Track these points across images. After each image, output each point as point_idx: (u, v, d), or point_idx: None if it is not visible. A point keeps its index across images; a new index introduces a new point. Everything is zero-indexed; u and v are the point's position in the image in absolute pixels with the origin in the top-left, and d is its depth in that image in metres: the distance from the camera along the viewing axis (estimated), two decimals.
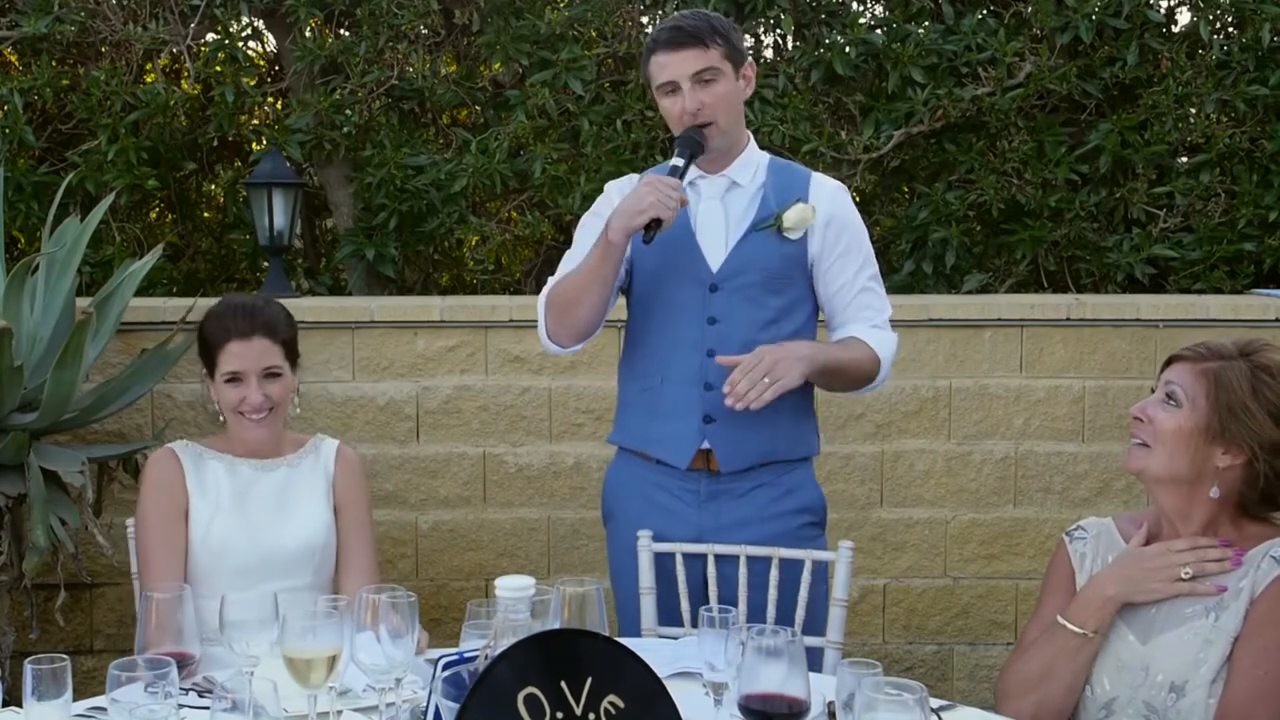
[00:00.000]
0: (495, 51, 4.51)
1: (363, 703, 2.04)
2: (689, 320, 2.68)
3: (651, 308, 2.72)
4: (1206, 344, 2.19)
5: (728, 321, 2.67)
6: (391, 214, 4.49)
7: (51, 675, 1.75)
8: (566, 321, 2.70)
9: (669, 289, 2.70)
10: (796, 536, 2.73)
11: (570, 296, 2.68)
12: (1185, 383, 2.14)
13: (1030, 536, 4.07)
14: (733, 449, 2.68)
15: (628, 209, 2.53)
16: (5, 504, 3.41)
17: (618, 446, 2.85)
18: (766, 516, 2.71)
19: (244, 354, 2.69)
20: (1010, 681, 2.24)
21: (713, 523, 2.71)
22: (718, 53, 2.60)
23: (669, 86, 2.63)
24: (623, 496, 2.82)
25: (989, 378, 4.04)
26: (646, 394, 2.74)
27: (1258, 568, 2.11)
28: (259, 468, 2.76)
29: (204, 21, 4.56)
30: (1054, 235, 4.55)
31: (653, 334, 2.74)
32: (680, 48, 2.60)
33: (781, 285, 2.69)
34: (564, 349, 2.76)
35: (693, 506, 2.72)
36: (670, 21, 2.67)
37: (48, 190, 4.39)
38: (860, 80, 4.61)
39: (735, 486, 2.70)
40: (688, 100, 2.60)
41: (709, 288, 2.67)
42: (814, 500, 2.80)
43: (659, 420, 2.72)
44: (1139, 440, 2.18)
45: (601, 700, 1.61)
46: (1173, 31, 4.69)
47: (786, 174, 2.76)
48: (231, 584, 2.55)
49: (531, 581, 1.75)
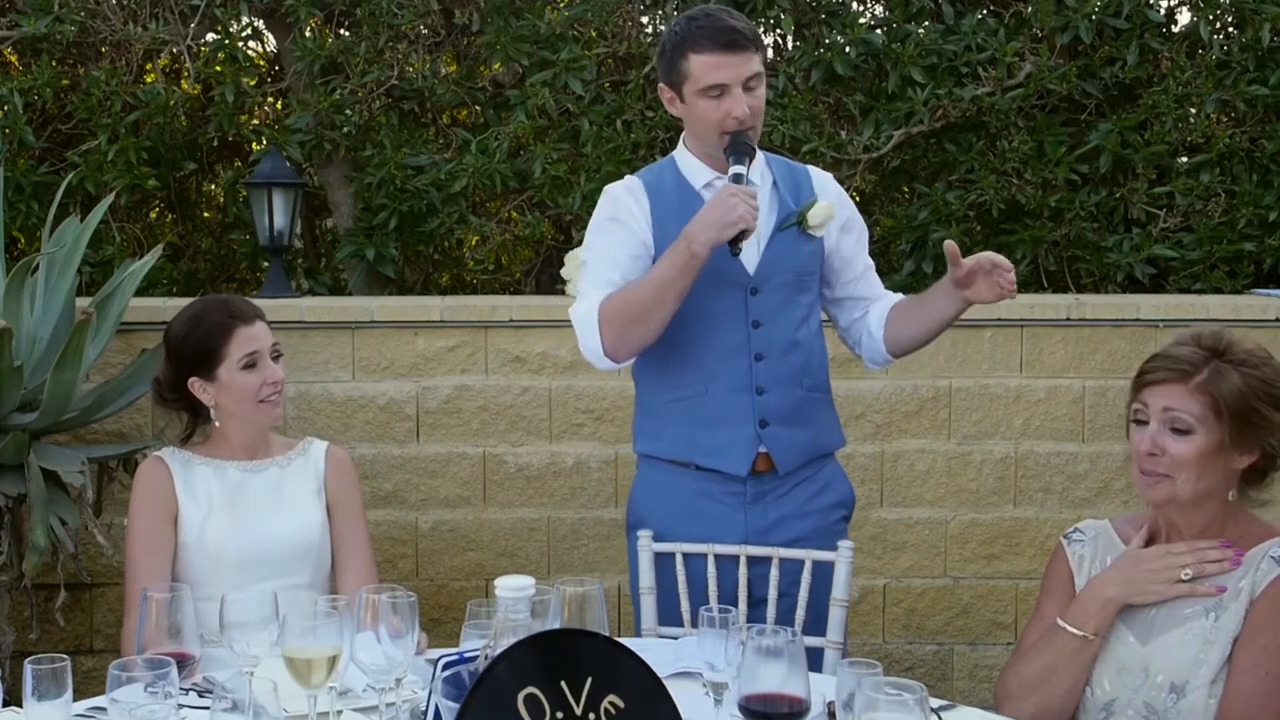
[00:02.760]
0: (495, 51, 4.51)
1: (363, 703, 2.04)
2: (731, 325, 2.65)
3: (685, 315, 2.61)
4: (1170, 356, 2.13)
5: (771, 323, 2.66)
6: (391, 214, 4.49)
7: (51, 675, 1.75)
8: (633, 337, 2.58)
9: (707, 296, 2.61)
10: (832, 531, 2.75)
11: (640, 312, 2.55)
12: (1185, 407, 2.10)
13: (1030, 536, 4.07)
14: (788, 449, 2.68)
15: (716, 220, 2.47)
16: (5, 504, 3.41)
17: (645, 455, 2.78)
18: (806, 512, 2.72)
19: (255, 335, 2.72)
20: (1010, 684, 2.24)
21: (759, 523, 2.69)
22: (759, 59, 2.59)
23: (718, 89, 2.56)
24: (658, 507, 2.74)
25: (989, 378, 4.04)
26: (687, 403, 2.68)
27: (1257, 568, 2.11)
28: (248, 469, 2.76)
29: (204, 21, 4.56)
30: (1054, 235, 4.55)
31: (690, 343, 2.66)
32: (738, 50, 2.54)
33: (808, 283, 2.72)
34: (619, 364, 2.66)
35: (738, 510, 2.69)
36: (717, 20, 2.57)
37: (48, 190, 4.38)
38: (860, 80, 4.61)
39: (779, 486, 2.70)
40: (739, 106, 2.55)
41: (750, 290, 2.65)
42: (847, 494, 2.83)
43: (706, 429, 2.67)
44: (1157, 473, 2.13)
45: (601, 700, 1.61)
46: (1173, 31, 4.69)
47: (787, 170, 2.77)
48: (229, 582, 2.55)
49: (531, 581, 1.75)
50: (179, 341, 2.75)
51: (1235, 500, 2.16)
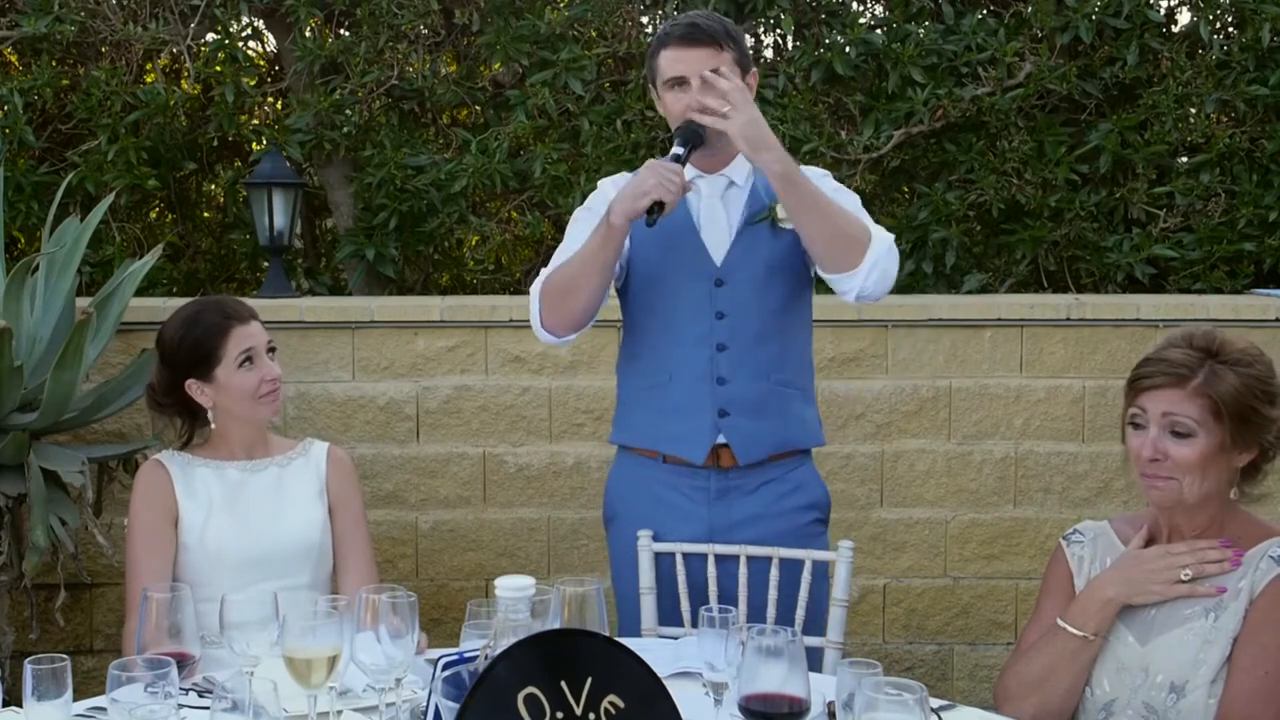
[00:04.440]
0: (495, 51, 4.51)
1: (363, 703, 2.04)
2: (696, 316, 2.68)
3: (654, 305, 2.72)
4: (1164, 359, 2.13)
5: (737, 315, 2.67)
6: (391, 214, 4.49)
7: (51, 675, 1.75)
8: (563, 309, 2.67)
9: (673, 285, 2.70)
10: (804, 533, 2.74)
11: (568, 284, 2.65)
12: (1184, 411, 2.10)
13: (1030, 536, 4.07)
14: (748, 441, 2.68)
15: (630, 192, 2.51)
16: (5, 504, 3.41)
17: (620, 446, 2.84)
18: (775, 513, 2.72)
19: (251, 333, 2.73)
20: (1010, 684, 2.24)
21: (723, 519, 2.71)
22: (729, 56, 2.61)
23: (677, 81, 2.62)
24: (628, 497, 2.80)
25: (989, 378, 4.04)
26: (652, 391, 2.73)
27: (1256, 568, 2.11)
28: (247, 469, 2.76)
29: (204, 21, 4.56)
30: (1054, 235, 4.55)
31: (656, 331, 2.73)
32: (696, 45, 2.60)
33: (783, 275, 2.70)
34: (559, 339, 2.74)
35: (702, 504, 2.71)
36: (686, 18, 2.67)
37: (48, 190, 4.38)
38: (860, 80, 4.61)
39: (744, 483, 2.71)
40: (695, 97, 2.59)
41: (715, 282, 2.68)
42: (820, 497, 2.81)
43: (669, 417, 2.71)
44: (1161, 477, 2.13)
45: (601, 700, 1.61)
46: (1173, 31, 4.69)
47: None
48: (229, 583, 2.55)
49: (531, 581, 1.75)
50: (174, 344, 2.75)
51: (1234, 497, 2.17)
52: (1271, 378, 2.13)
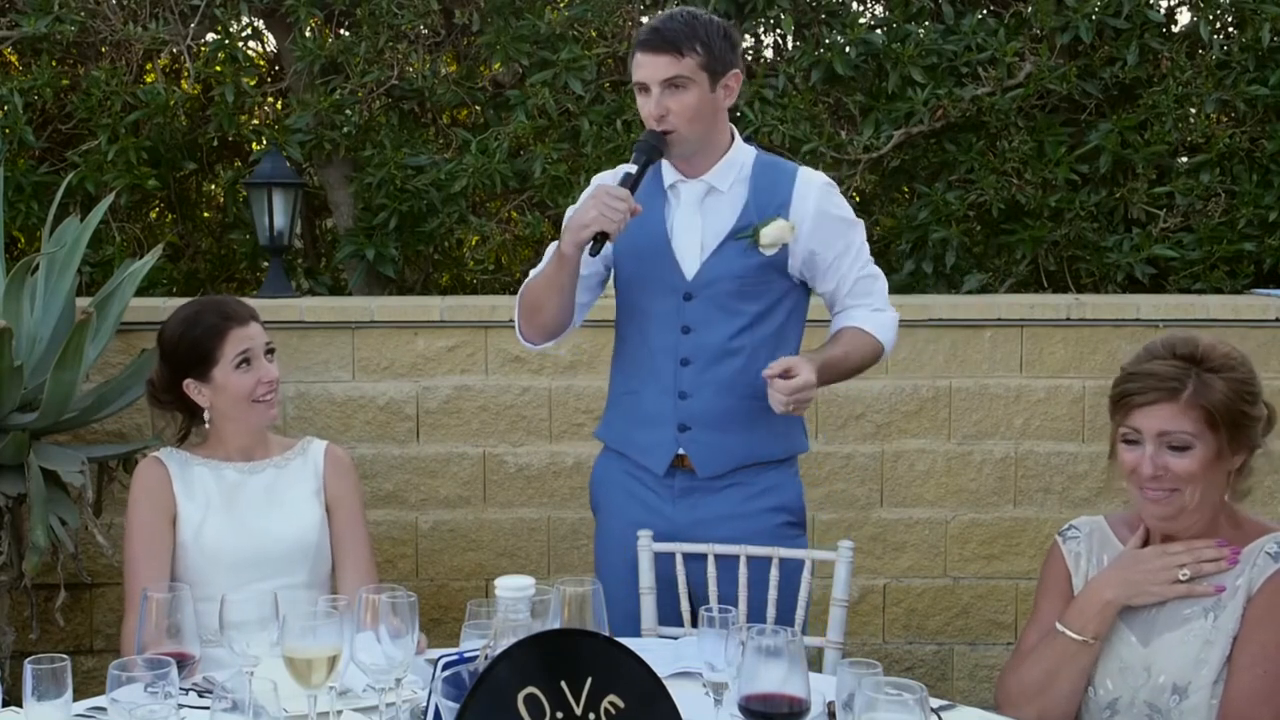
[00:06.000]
0: (495, 51, 4.51)
1: (363, 703, 2.04)
2: (663, 328, 2.69)
3: (632, 314, 2.75)
4: (1151, 374, 2.11)
5: (701, 330, 2.66)
6: (391, 214, 4.49)
7: (51, 675, 1.75)
8: (534, 323, 2.76)
9: (645, 296, 2.71)
10: (773, 535, 2.72)
11: (534, 302, 2.73)
12: (1180, 426, 2.09)
13: (1030, 536, 4.06)
14: (709, 455, 2.69)
15: (574, 223, 2.55)
16: (5, 504, 3.41)
17: (603, 441, 2.88)
18: (741, 514, 2.72)
19: (250, 334, 2.72)
20: (1011, 689, 2.24)
21: (686, 518, 2.72)
22: (693, 61, 2.57)
23: (640, 87, 2.63)
24: (607, 488, 2.85)
25: (989, 378, 4.04)
26: (628, 398, 2.78)
27: (1253, 565, 2.11)
28: (245, 470, 2.76)
29: (204, 21, 4.56)
30: (1054, 235, 4.55)
31: (631, 340, 2.77)
32: (655, 51, 2.58)
33: (758, 291, 2.68)
34: (536, 346, 2.82)
35: (667, 502, 2.73)
36: (653, 21, 2.65)
37: (48, 190, 4.38)
38: (860, 80, 4.61)
39: (710, 484, 2.72)
40: (654, 105, 2.59)
41: (683, 296, 2.67)
42: (791, 500, 2.79)
43: (637, 427, 2.75)
44: (1162, 489, 2.12)
45: (601, 700, 1.61)
46: (1173, 31, 4.69)
47: (772, 174, 2.71)
48: (227, 583, 2.54)
49: (531, 581, 1.76)
50: (173, 344, 2.75)
51: (1226, 498, 2.17)
52: (1254, 378, 2.14)
